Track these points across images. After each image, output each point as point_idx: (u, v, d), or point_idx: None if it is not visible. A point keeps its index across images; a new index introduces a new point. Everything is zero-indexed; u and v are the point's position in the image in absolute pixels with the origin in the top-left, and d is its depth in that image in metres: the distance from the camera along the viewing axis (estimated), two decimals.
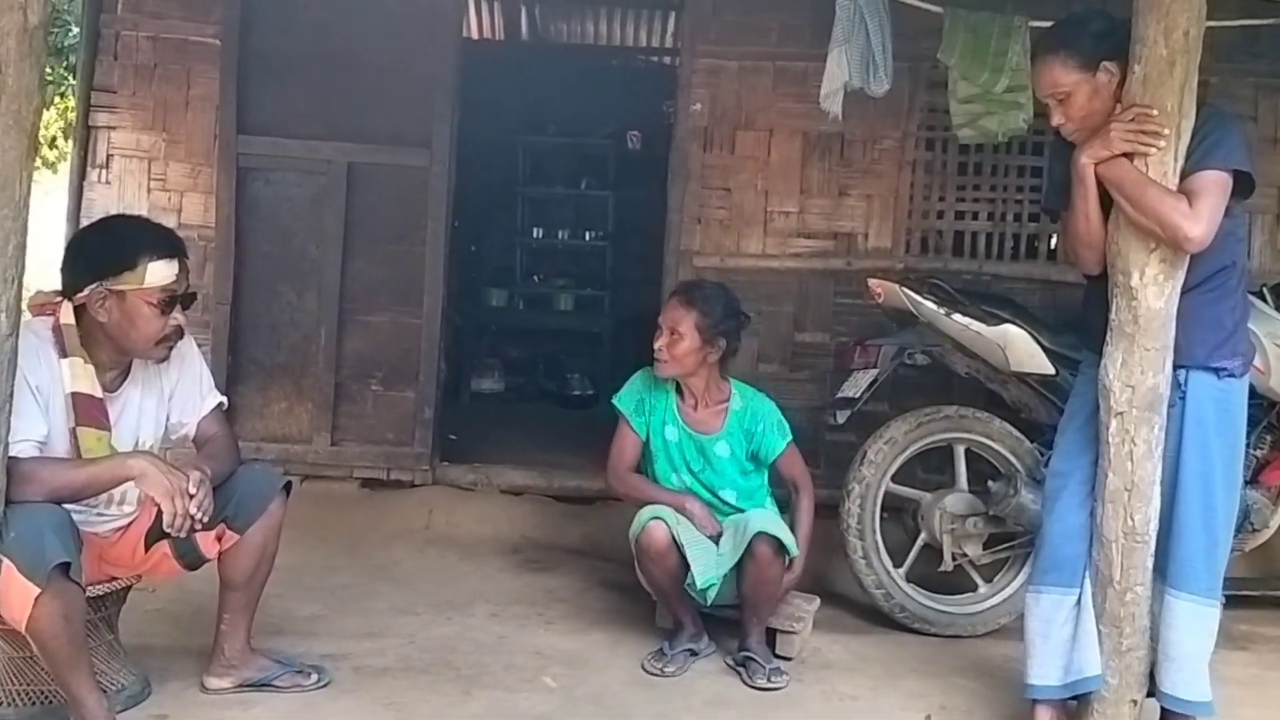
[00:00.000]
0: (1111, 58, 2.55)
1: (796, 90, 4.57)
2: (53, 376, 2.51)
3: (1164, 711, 2.72)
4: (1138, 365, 2.50)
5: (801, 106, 4.54)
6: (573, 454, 5.08)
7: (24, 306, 2.50)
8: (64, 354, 2.55)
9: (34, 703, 2.60)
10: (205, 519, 2.53)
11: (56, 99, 8.43)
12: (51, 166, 9.41)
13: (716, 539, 3.23)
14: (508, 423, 6.24)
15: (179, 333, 2.65)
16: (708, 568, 3.15)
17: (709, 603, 3.21)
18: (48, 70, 8.35)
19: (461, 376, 7.18)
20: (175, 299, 2.61)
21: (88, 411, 2.55)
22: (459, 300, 7.18)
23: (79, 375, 2.54)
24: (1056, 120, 2.65)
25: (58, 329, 2.57)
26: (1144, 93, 2.45)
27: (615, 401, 3.49)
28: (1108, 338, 2.56)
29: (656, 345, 3.34)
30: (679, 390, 3.44)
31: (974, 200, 4.68)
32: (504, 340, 7.70)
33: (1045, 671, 2.69)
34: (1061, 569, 2.69)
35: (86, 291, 2.53)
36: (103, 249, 2.60)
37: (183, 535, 2.52)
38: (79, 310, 2.57)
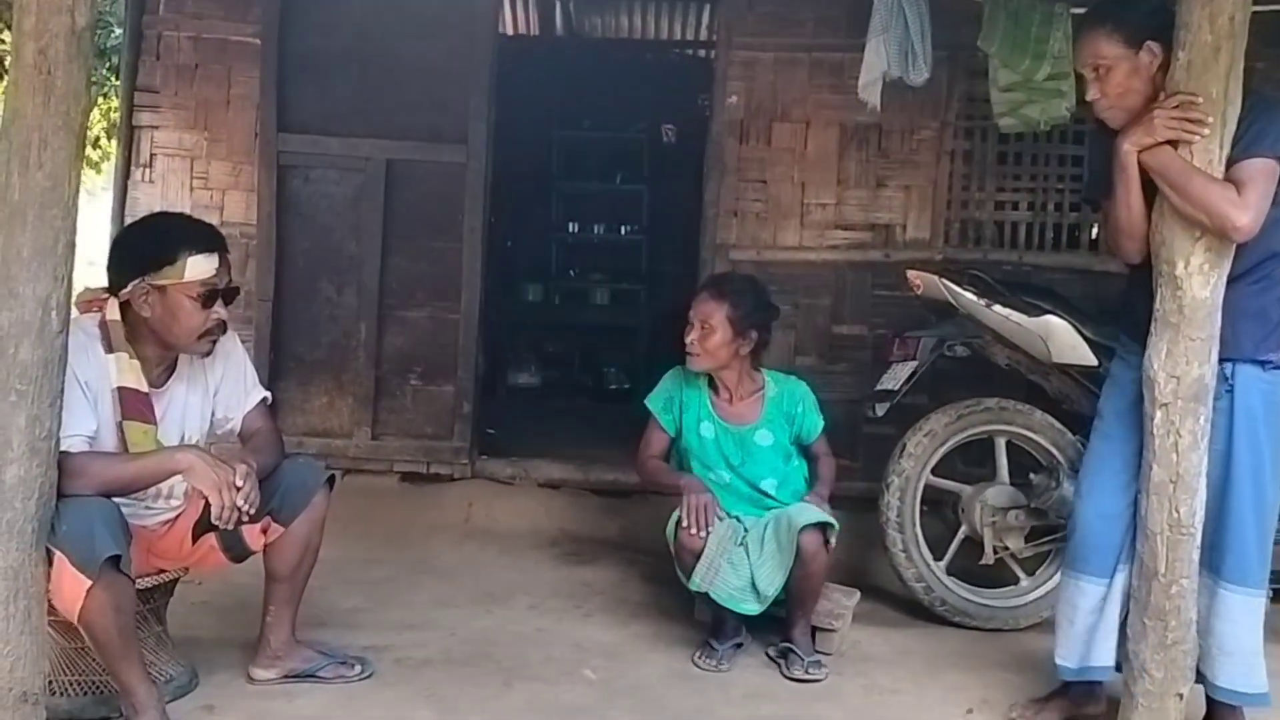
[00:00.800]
0: (1157, 38, 2.52)
1: (833, 81, 4.56)
2: (100, 372, 2.56)
3: (1212, 704, 2.70)
4: (1183, 356, 2.46)
5: (838, 98, 4.53)
6: (609, 448, 5.08)
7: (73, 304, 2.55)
8: (110, 350, 2.59)
9: (85, 693, 2.65)
10: (252, 511, 2.57)
11: (100, 99, 8.55)
12: (95, 166, 9.56)
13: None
14: (545, 417, 6.27)
15: (221, 327, 2.68)
16: (728, 588, 3.16)
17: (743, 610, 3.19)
18: (92, 71, 8.52)
19: (498, 371, 7.22)
20: (216, 293, 2.63)
21: (134, 406, 2.59)
22: (495, 295, 7.22)
23: (125, 370, 2.59)
24: (1092, 94, 2.62)
25: (104, 325, 2.61)
26: (1189, 79, 2.41)
27: (647, 403, 3.50)
28: (1152, 328, 2.53)
29: (688, 339, 3.33)
30: (712, 386, 3.43)
31: (1014, 190, 4.64)
32: (540, 335, 7.72)
33: (1067, 653, 2.78)
34: (1092, 558, 2.72)
35: (130, 287, 2.57)
36: (144, 245, 2.64)
37: (230, 527, 2.55)
38: (124, 306, 2.61)
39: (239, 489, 2.49)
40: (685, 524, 3.14)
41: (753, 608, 3.16)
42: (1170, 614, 2.53)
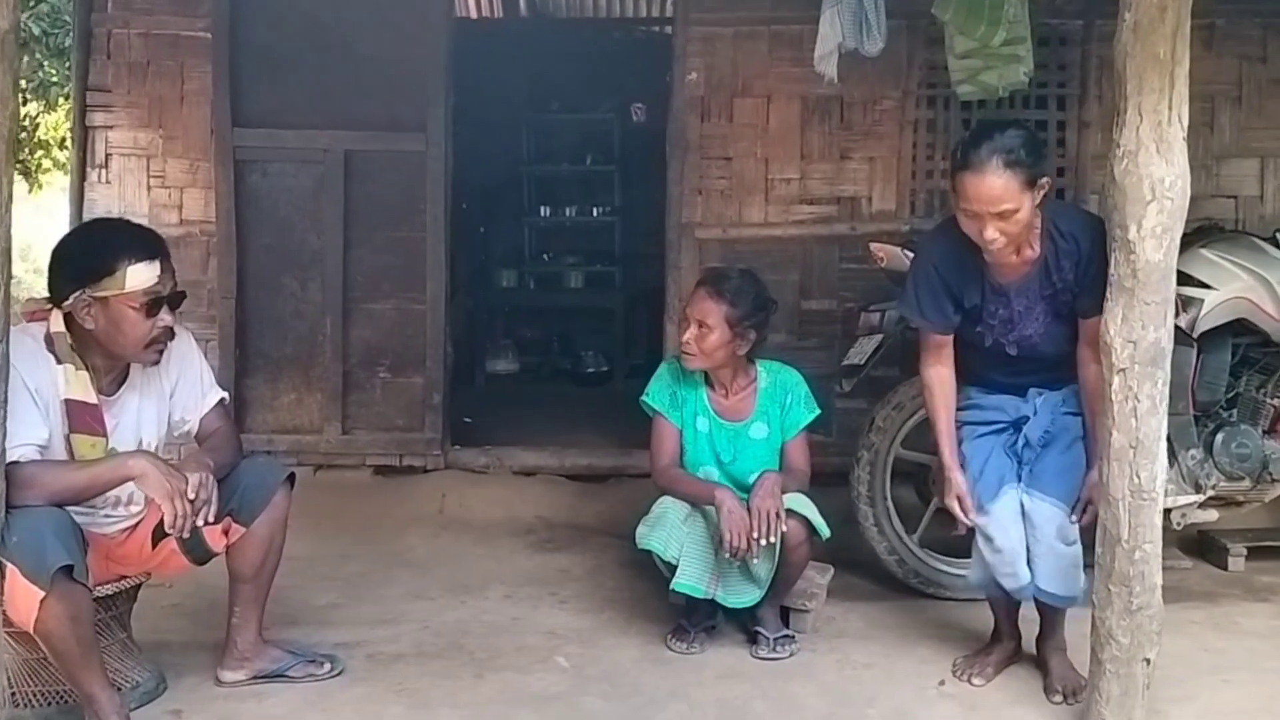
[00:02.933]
0: (1044, 172, 2.70)
1: (793, 54, 4.51)
2: (50, 380, 2.51)
3: (1039, 605, 2.93)
4: (1138, 320, 2.45)
5: (799, 71, 4.47)
6: (589, 431, 5.08)
7: (17, 312, 2.51)
8: (58, 361, 2.54)
9: (50, 703, 2.63)
10: (210, 518, 2.53)
11: (61, 100, 8.46)
12: (62, 168, 9.48)
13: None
14: (523, 403, 6.26)
15: (169, 334, 2.63)
16: (731, 589, 3.13)
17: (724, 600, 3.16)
18: (52, 72, 8.42)
19: (476, 359, 7.19)
20: (161, 300, 2.58)
21: (82, 419, 2.55)
22: (470, 282, 7.20)
23: (72, 382, 2.54)
24: (990, 235, 2.68)
25: (49, 337, 2.56)
26: (1135, 40, 2.39)
27: (646, 400, 3.34)
28: (1108, 294, 2.51)
29: (684, 338, 3.21)
30: (707, 380, 3.33)
31: None
32: (517, 320, 7.70)
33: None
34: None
35: (71, 300, 2.52)
36: (82, 256, 2.57)
37: (185, 536, 2.52)
38: (68, 317, 2.56)
39: (192, 501, 2.45)
40: (725, 552, 3.01)
41: (754, 596, 3.14)
42: (1134, 580, 2.53)
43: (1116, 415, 2.51)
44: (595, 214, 7.70)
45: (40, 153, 9.98)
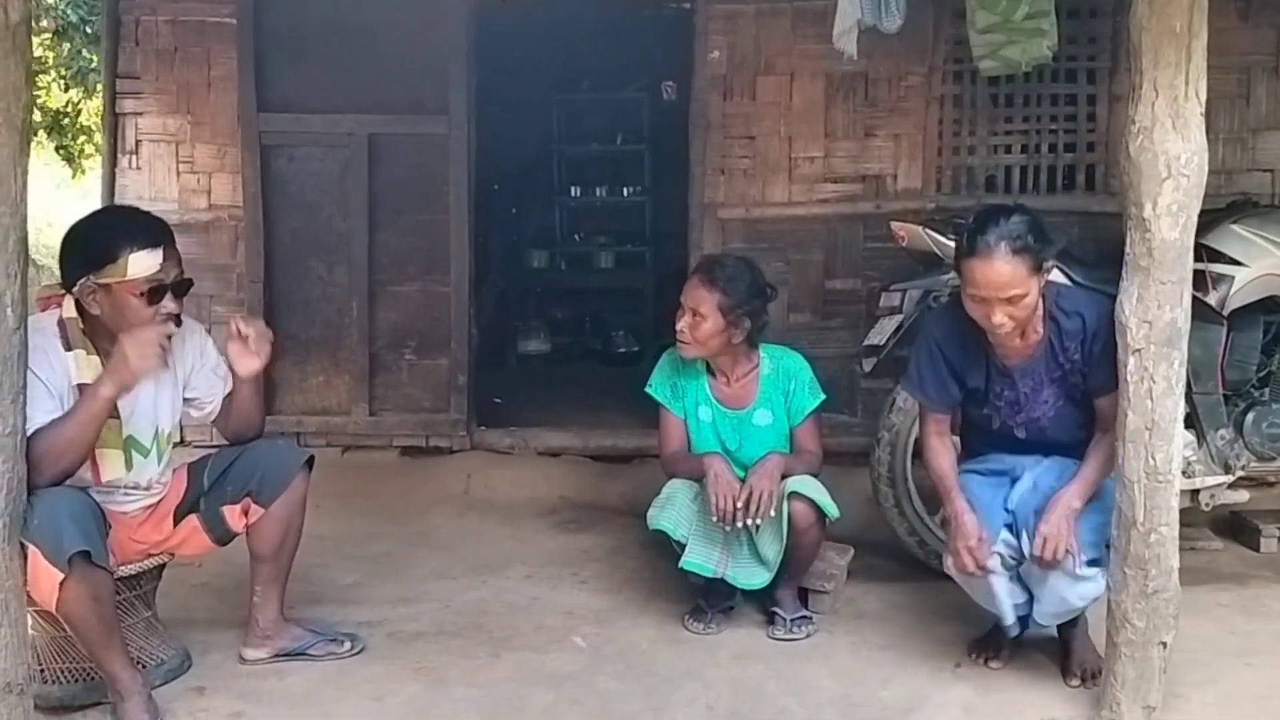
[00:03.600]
0: (1049, 257, 2.68)
1: (816, 31, 4.43)
2: (61, 370, 2.55)
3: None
4: (1154, 300, 2.41)
5: (822, 48, 4.38)
6: (617, 412, 5.08)
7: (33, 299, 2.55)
8: (69, 347, 2.58)
9: (76, 680, 2.70)
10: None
11: (99, 86, 8.57)
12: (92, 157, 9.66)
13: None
14: (553, 384, 6.27)
15: (175, 320, 2.65)
16: (739, 569, 3.13)
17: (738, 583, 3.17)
18: (91, 58, 8.53)
19: (507, 339, 7.22)
20: (164, 288, 2.60)
21: None
22: (502, 263, 7.23)
23: (84, 367, 2.58)
24: (999, 320, 2.67)
25: (62, 323, 2.60)
26: (1150, 13, 2.33)
27: (649, 390, 3.37)
28: (1123, 273, 2.47)
29: (678, 327, 3.20)
30: (709, 368, 3.32)
31: (1006, 134, 4.54)
32: (548, 301, 7.70)
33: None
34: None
35: (78, 286, 2.55)
36: (87, 243, 2.60)
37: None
38: (79, 303, 2.60)
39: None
40: (713, 516, 3.04)
41: (763, 577, 3.14)
42: (1150, 562, 2.50)
43: (1132, 396, 2.47)
44: (626, 194, 7.68)
45: (83, 138, 10.14)
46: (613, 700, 2.79)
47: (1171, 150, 2.34)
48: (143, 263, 2.55)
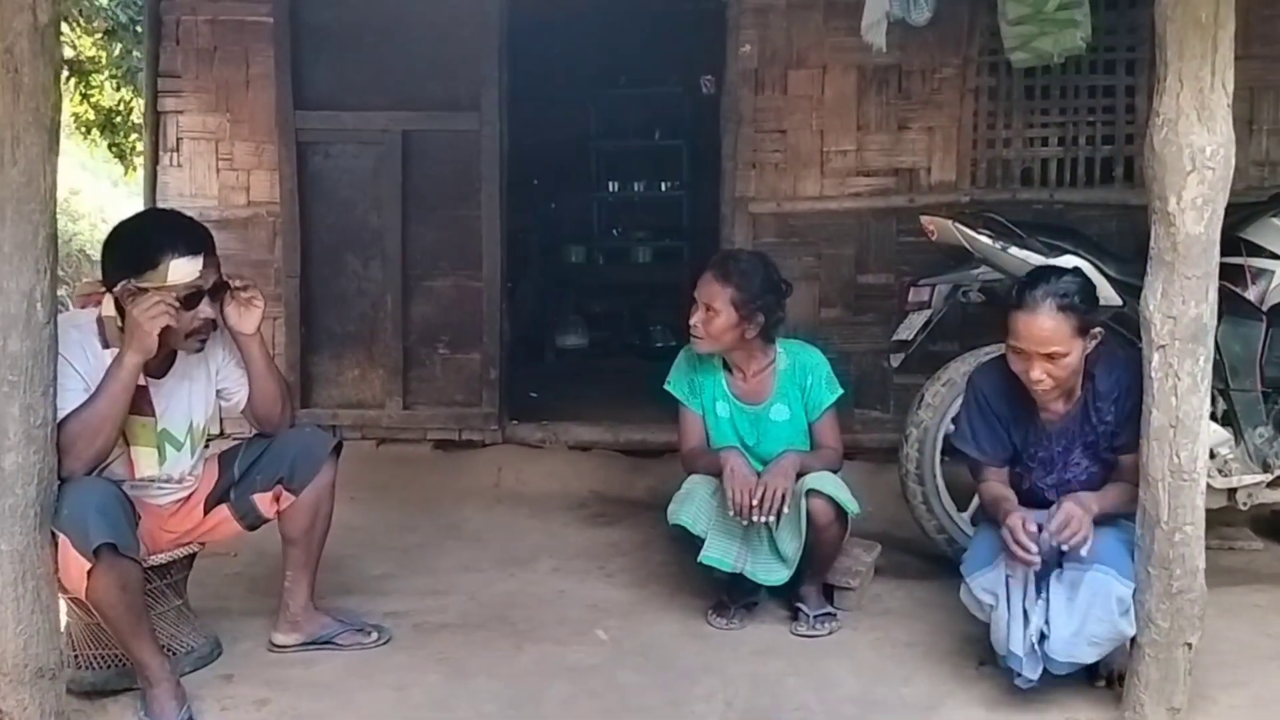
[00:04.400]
0: (1097, 324, 2.69)
1: (848, 24, 4.38)
2: (97, 365, 2.60)
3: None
4: (1178, 295, 2.36)
5: (854, 40, 4.33)
6: (652, 407, 5.07)
7: (70, 296, 2.61)
8: (106, 345, 2.63)
9: (109, 666, 2.76)
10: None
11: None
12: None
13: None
14: (590, 379, 6.30)
15: (209, 325, 2.70)
16: (759, 564, 3.11)
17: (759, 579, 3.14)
18: (138, 58, 8.69)
19: (545, 334, 7.27)
20: (201, 294, 2.63)
21: (132, 400, 2.65)
22: (540, 258, 7.27)
23: None
24: (1037, 376, 2.67)
25: (100, 320, 2.65)
26: (1175, 2, 2.29)
27: (668, 387, 3.37)
28: (1147, 268, 2.43)
29: (692, 322, 3.19)
30: (725, 364, 3.31)
31: (1043, 126, 4.49)
32: (586, 296, 7.75)
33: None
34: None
35: (118, 288, 2.60)
36: (129, 247, 2.65)
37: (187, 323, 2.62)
38: (117, 302, 2.64)
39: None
40: (730, 509, 3.03)
41: (782, 574, 3.12)
42: (1175, 562, 2.45)
43: (1156, 394, 2.43)
44: (663, 189, 7.71)
45: (134, 136, 10.33)
46: (631, 693, 2.80)
47: (1196, 143, 2.30)
48: (183, 269, 2.59)
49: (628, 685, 2.84)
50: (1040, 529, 2.62)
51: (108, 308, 2.66)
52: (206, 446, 2.97)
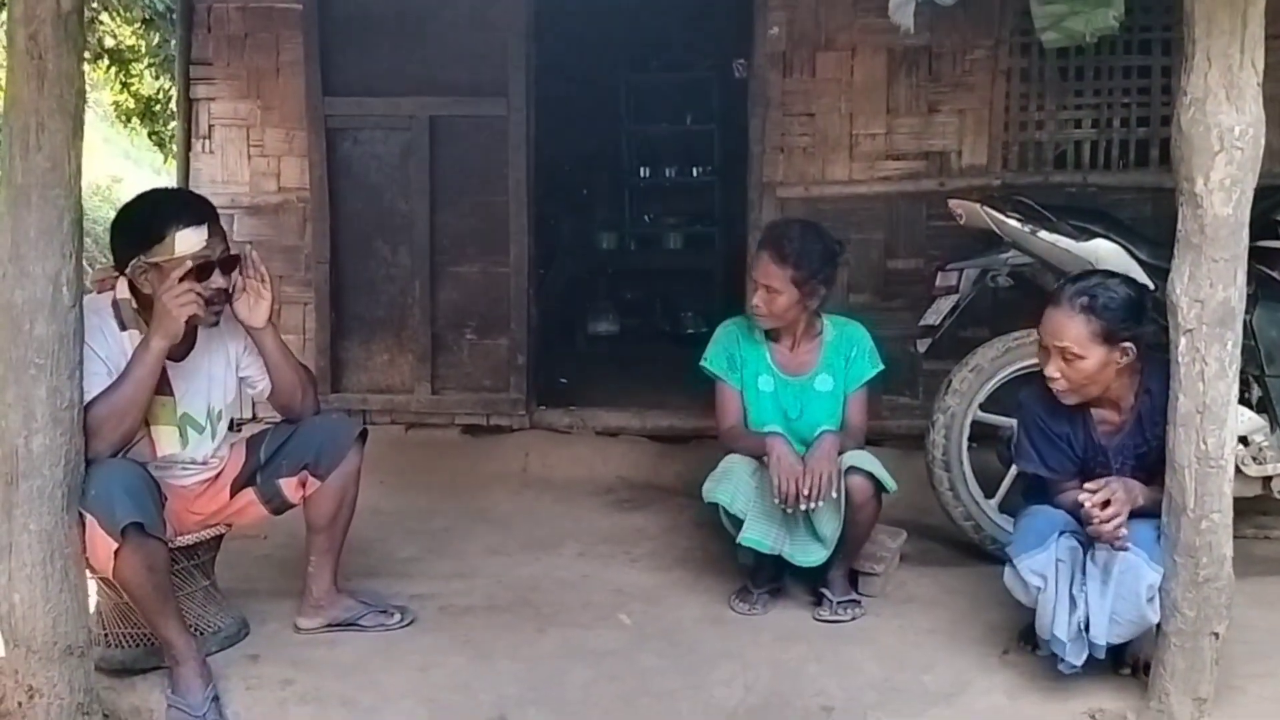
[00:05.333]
0: (1134, 338, 2.63)
1: (878, 5, 4.29)
2: (117, 348, 2.64)
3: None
4: (1206, 278, 2.32)
5: (884, 22, 4.25)
6: (680, 393, 5.07)
7: (88, 281, 2.65)
8: (124, 328, 2.66)
9: (138, 644, 2.80)
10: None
11: None
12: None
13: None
14: (621, 365, 6.29)
15: (223, 295, 2.72)
16: (797, 545, 3.10)
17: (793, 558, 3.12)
18: (174, 45, 8.78)
19: (577, 320, 7.27)
20: (211, 265, 2.67)
21: None
22: (571, 245, 7.27)
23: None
24: (1050, 372, 2.67)
25: (115, 304, 2.69)
26: None
27: (705, 364, 3.34)
28: (1175, 250, 2.38)
29: (754, 303, 3.20)
30: (769, 335, 3.30)
31: (1076, 108, 4.41)
32: (617, 282, 7.73)
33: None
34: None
35: (130, 267, 2.64)
36: (134, 224, 2.68)
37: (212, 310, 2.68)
38: (132, 284, 2.68)
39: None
40: (776, 498, 3.01)
41: (820, 554, 3.11)
42: (1201, 550, 2.41)
43: (1183, 379, 2.39)
44: (695, 174, 7.66)
45: (173, 124, 10.44)
46: (652, 677, 2.81)
47: (1225, 122, 2.25)
48: (189, 240, 2.62)
49: (649, 669, 2.85)
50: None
51: (122, 290, 2.70)
52: (233, 429, 3.01)
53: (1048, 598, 2.64)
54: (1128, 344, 2.64)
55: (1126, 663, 2.76)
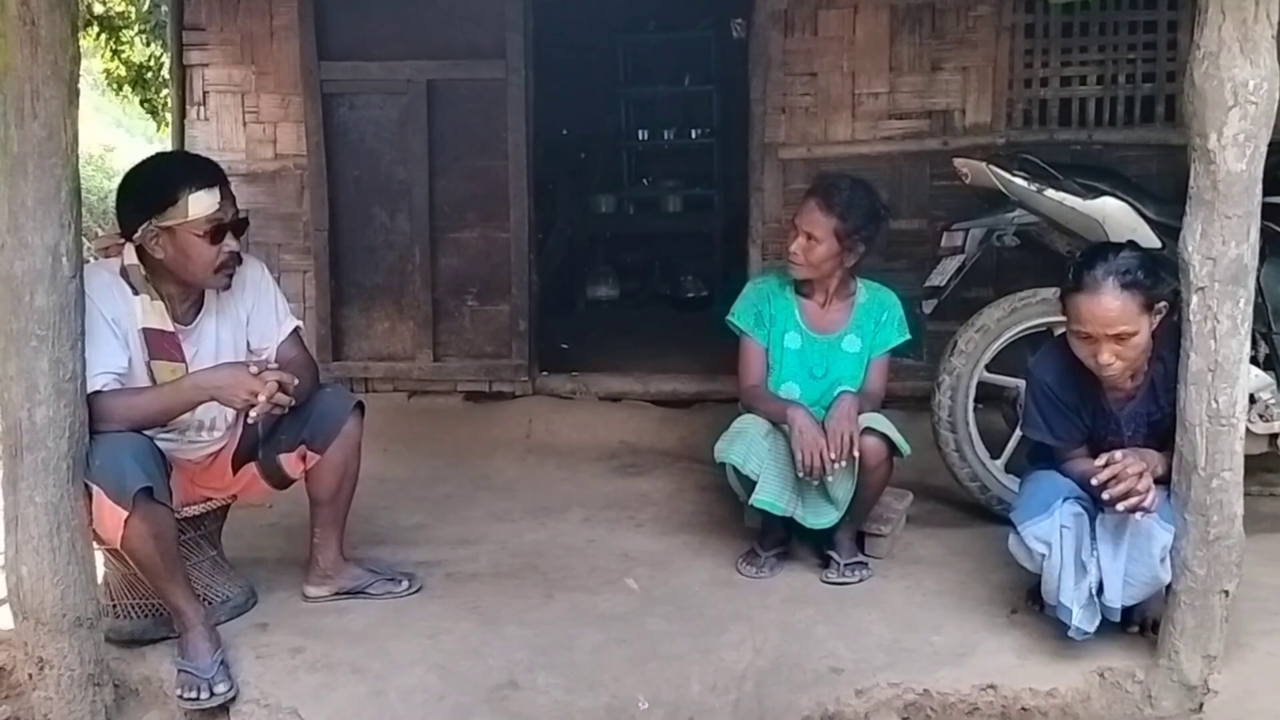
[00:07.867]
0: (1162, 296, 2.56)
1: None
2: (128, 311, 2.62)
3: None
4: (1218, 235, 2.30)
5: None
6: (682, 357, 5.07)
7: (90, 250, 2.63)
8: (135, 293, 2.64)
9: (146, 615, 2.80)
10: (289, 398, 2.62)
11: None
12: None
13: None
14: (621, 329, 6.28)
15: (235, 258, 2.70)
16: (811, 509, 3.09)
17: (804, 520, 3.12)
18: (165, 10, 8.66)
19: (576, 285, 7.24)
20: (224, 227, 2.65)
21: (160, 346, 2.66)
22: (570, 209, 7.21)
23: (149, 312, 2.65)
24: (1106, 359, 2.55)
25: (124, 270, 2.66)
26: None
27: (732, 319, 3.31)
28: (1186, 207, 2.36)
29: (791, 248, 3.17)
30: (799, 291, 3.28)
31: (1081, 64, 4.36)
32: (617, 246, 7.68)
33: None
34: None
35: (140, 232, 2.61)
36: (145, 188, 2.65)
37: (257, 417, 2.60)
38: (140, 249, 2.65)
39: (268, 383, 2.55)
40: (799, 471, 3.00)
41: (832, 517, 3.11)
42: (1212, 509, 2.41)
43: (1195, 337, 2.38)
44: (694, 136, 7.59)
45: (165, 91, 10.33)
46: (661, 641, 2.81)
47: (1239, 77, 2.22)
48: (203, 202, 2.60)
49: (657, 633, 2.85)
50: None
51: (129, 257, 2.67)
52: None
53: (1053, 564, 2.63)
54: (1161, 303, 2.59)
55: (1135, 621, 2.76)
